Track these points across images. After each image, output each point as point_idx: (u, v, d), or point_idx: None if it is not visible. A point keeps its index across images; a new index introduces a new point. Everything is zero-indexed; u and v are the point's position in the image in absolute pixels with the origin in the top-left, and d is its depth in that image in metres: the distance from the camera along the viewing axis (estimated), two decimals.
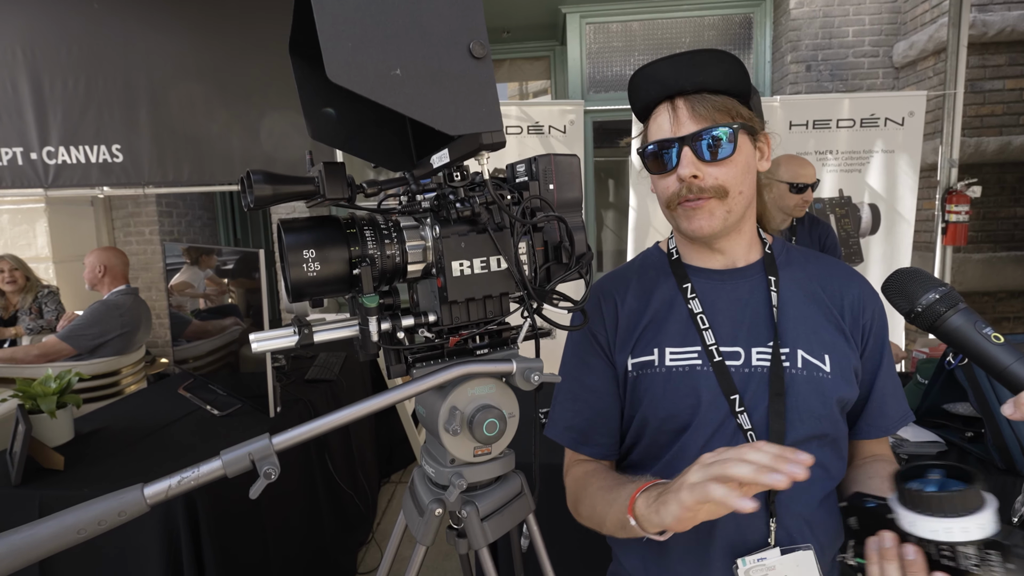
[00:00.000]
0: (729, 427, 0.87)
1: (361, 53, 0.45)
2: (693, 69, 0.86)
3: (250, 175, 0.60)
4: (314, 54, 0.63)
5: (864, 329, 0.93)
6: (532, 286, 0.73)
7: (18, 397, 1.79)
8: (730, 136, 0.86)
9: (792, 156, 2.41)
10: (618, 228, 5.20)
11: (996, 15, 3.55)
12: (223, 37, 3.03)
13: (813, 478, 0.86)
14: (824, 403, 0.88)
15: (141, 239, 5.41)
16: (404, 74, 0.47)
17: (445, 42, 0.48)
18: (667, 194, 0.91)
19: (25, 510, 1.55)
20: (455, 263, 0.68)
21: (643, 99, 0.92)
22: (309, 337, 0.67)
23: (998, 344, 0.61)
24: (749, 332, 0.91)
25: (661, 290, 0.97)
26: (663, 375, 0.91)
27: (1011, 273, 3.78)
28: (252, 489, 0.59)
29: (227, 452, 0.59)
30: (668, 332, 0.93)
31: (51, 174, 3.12)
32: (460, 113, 0.49)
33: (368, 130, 0.69)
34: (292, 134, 3.06)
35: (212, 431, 1.95)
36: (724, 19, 4.65)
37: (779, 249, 0.99)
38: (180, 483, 0.57)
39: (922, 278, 0.66)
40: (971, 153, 3.62)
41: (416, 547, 0.83)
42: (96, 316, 3.03)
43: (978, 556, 0.59)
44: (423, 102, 0.47)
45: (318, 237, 0.65)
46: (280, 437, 0.62)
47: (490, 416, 0.73)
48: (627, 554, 0.97)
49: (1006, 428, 1.44)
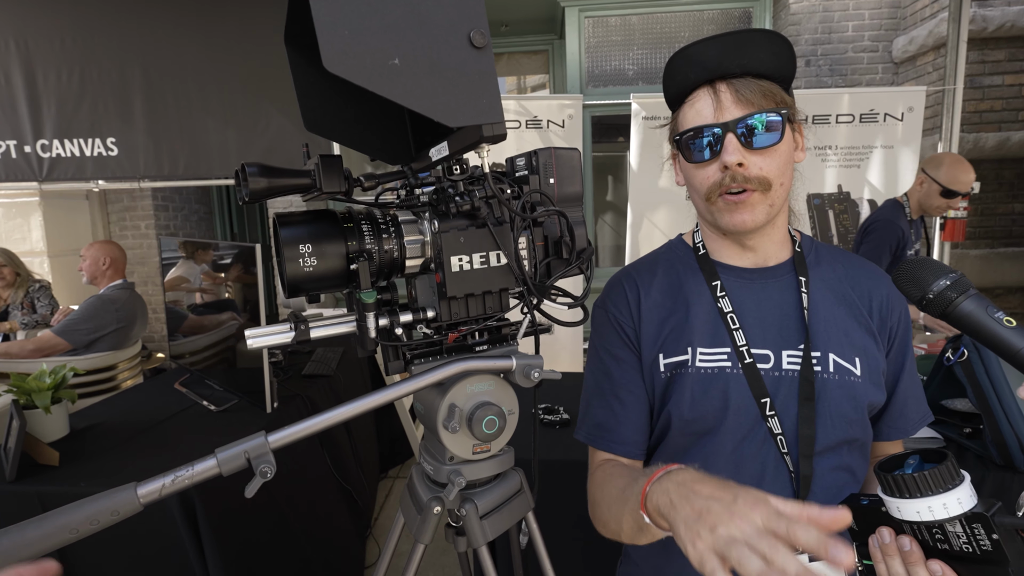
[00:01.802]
0: (760, 432, 0.84)
1: (358, 42, 0.44)
2: (740, 51, 0.81)
3: (245, 168, 0.59)
4: (310, 43, 0.62)
5: (891, 331, 0.91)
6: (532, 282, 0.72)
7: (13, 392, 1.78)
8: (778, 124, 0.81)
9: (957, 158, 2.25)
10: (616, 224, 5.19)
11: (996, 10, 3.54)
12: (219, 30, 3.01)
13: (841, 483, 0.86)
14: (855, 408, 0.85)
15: (137, 233, 5.38)
16: (402, 64, 0.45)
17: (444, 31, 0.47)
18: (707, 185, 0.85)
19: (20, 506, 1.54)
20: (454, 258, 0.67)
21: (680, 83, 0.86)
22: (306, 333, 0.67)
23: (1011, 327, 0.62)
24: (779, 334, 0.88)
25: (688, 286, 0.93)
26: (692, 376, 0.88)
27: (1009, 269, 3.79)
28: (248, 488, 0.59)
29: (222, 450, 0.59)
30: (698, 331, 0.89)
31: (45, 167, 3.09)
32: (460, 104, 0.48)
33: (365, 122, 0.69)
34: (289, 128, 3.04)
35: (209, 427, 1.94)
36: (723, 13, 4.63)
37: (808, 247, 0.95)
38: (174, 482, 0.56)
39: (932, 266, 0.67)
40: (970, 149, 3.62)
41: (415, 545, 0.83)
42: (91, 311, 3.02)
43: (966, 533, 0.61)
44: (421, 93, 0.46)
45: (314, 231, 0.64)
46: (276, 435, 0.61)
47: (489, 413, 0.72)
48: (639, 549, 0.95)
49: (1004, 424, 1.44)
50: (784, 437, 0.84)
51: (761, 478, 0.84)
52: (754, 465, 0.85)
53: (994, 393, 1.45)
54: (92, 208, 5.37)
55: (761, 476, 0.84)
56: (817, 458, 0.84)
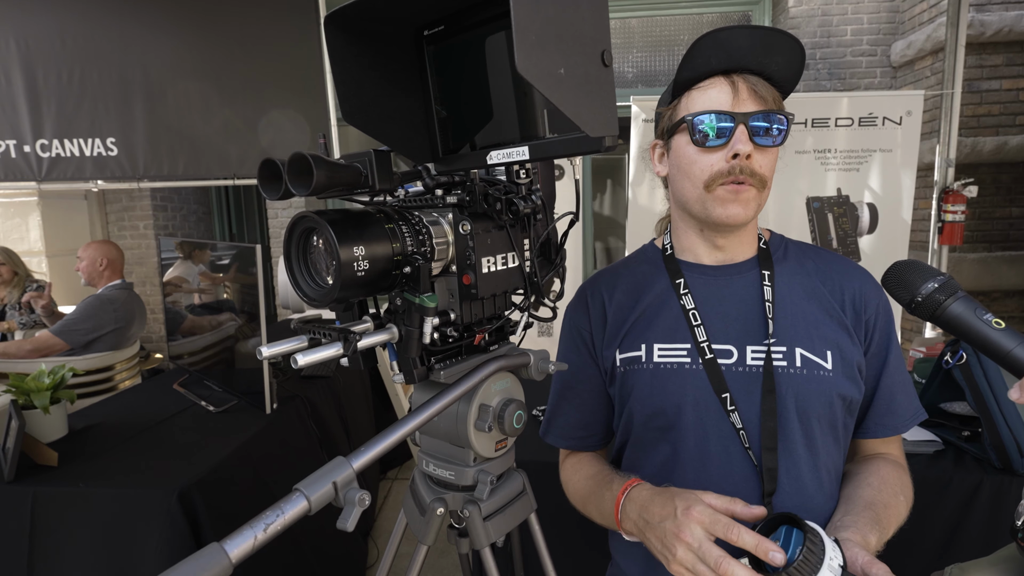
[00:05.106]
0: (723, 427, 0.85)
1: (539, 50, 0.46)
2: (766, 49, 0.82)
3: (309, 158, 0.55)
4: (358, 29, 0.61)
5: (868, 325, 0.90)
6: (539, 282, 0.74)
7: (11, 392, 1.77)
8: (784, 126, 0.83)
9: None
10: (614, 227, 5.20)
11: (994, 15, 3.56)
12: (220, 30, 3.01)
13: (815, 478, 0.86)
14: (825, 402, 0.85)
15: (135, 233, 5.37)
16: (565, 74, 0.48)
17: (588, 48, 0.50)
18: (710, 172, 0.85)
19: (18, 507, 1.54)
20: (485, 259, 0.68)
21: (699, 67, 0.85)
22: (354, 346, 0.62)
23: (999, 329, 0.61)
24: (743, 330, 0.88)
25: (653, 285, 0.95)
26: (650, 371, 0.89)
27: (1006, 273, 3.80)
28: (349, 521, 0.53)
29: (306, 485, 0.53)
30: (657, 328, 0.91)
31: (44, 167, 3.09)
32: (594, 115, 0.50)
33: (396, 118, 0.67)
34: (289, 129, 3.04)
35: (207, 427, 1.93)
36: (723, 16, 4.64)
37: (776, 244, 0.97)
38: (266, 531, 0.50)
39: (920, 268, 0.67)
40: (968, 153, 3.63)
41: (417, 546, 0.83)
42: (89, 311, 3.01)
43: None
44: (575, 102, 0.48)
45: (365, 234, 0.60)
46: (358, 459, 0.56)
47: (517, 408, 0.75)
48: (626, 559, 0.96)
49: (1003, 427, 1.45)
50: (746, 432, 0.84)
51: (729, 473, 0.85)
52: (721, 460, 0.86)
53: (992, 396, 1.46)
54: (91, 208, 5.36)
55: (729, 471, 0.85)
56: (786, 453, 0.85)
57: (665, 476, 0.88)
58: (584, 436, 1.01)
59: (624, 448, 0.98)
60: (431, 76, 0.68)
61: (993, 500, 1.43)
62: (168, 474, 1.59)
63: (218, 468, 1.65)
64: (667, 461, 0.89)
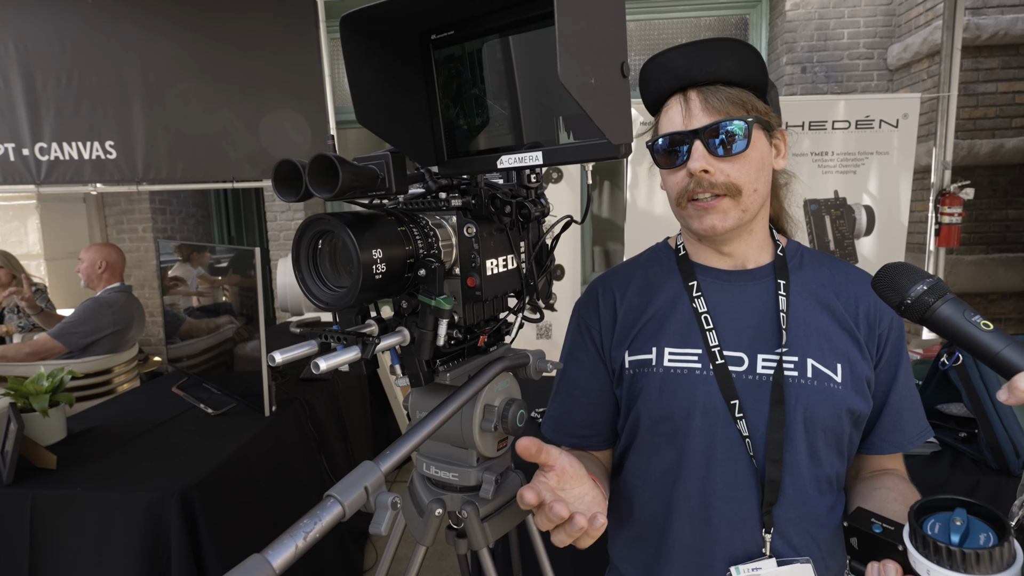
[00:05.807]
0: (730, 435, 0.84)
1: (578, 59, 0.47)
2: (706, 59, 0.82)
3: (334, 159, 0.54)
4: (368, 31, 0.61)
5: (880, 339, 0.89)
6: (535, 284, 0.74)
7: (10, 395, 1.77)
8: (744, 131, 0.81)
9: None
10: (613, 230, 5.21)
11: (990, 18, 3.58)
12: (218, 33, 3.01)
13: (818, 491, 0.85)
14: (833, 415, 0.84)
15: (134, 236, 5.37)
16: (595, 83, 0.49)
17: (611, 59, 0.52)
18: (676, 190, 0.87)
19: (17, 510, 1.54)
20: (489, 261, 0.68)
21: (654, 91, 0.87)
22: (371, 349, 0.61)
23: (988, 331, 0.61)
24: (755, 337, 0.87)
25: (665, 287, 0.94)
26: (660, 375, 0.88)
27: (1003, 275, 3.81)
28: (384, 526, 0.53)
29: (339, 491, 0.52)
30: (669, 331, 0.90)
31: (43, 170, 3.09)
32: (614, 123, 0.52)
33: (405, 121, 0.67)
34: (289, 132, 3.04)
35: (206, 430, 1.94)
36: (720, 20, 4.66)
37: (792, 252, 0.95)
38: (306, 539, 0.49)
39: (910, 271, 0.67)
40: (964, 155, 3.65)
41: (416, 547, 0.83)
42: (88, 314, 3.01)
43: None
44: (602, 110, 0.50)
45: (381, 236, 0.60)
46: (385, 461, 0.56)
47: (519, 408, 0.76)
48: (625, 562, 0.96)
49: (999, 428, 1.45)
50: (752, 441, 0.83)
51: (734, 482, 0.85)
52: (726, 467, 0.85)
53: (989, 398, 1.47)
54: (89, 211, 5.36)
55: (733, 479, 0.85)
56: (791, 464, 0.84)
57: (669, 481, 0.88)
58: (587, 435, 0.99)
59: (626, 454, 0.96)
60: (437, 80, 0.68)
61: (990, 501, 1.42)
62: (167, 477, 1.59)
63: (217, 471, 1.65)
64: (672, 467, 0.88)
